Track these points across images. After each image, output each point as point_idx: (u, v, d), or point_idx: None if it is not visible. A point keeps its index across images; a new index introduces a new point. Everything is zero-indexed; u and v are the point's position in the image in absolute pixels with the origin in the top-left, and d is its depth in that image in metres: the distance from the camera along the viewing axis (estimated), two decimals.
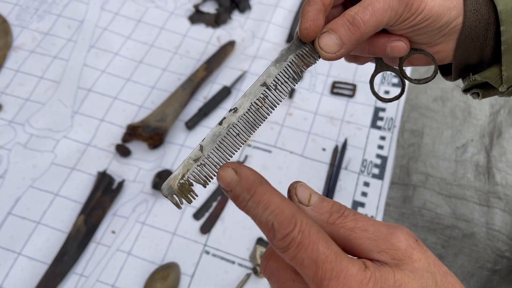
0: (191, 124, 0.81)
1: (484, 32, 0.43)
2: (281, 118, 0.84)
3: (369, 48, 0.45)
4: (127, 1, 0.97)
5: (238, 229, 0.73)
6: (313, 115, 0.85)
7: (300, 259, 0.27)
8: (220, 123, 0.37)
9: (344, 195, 0.76)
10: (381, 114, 0.85)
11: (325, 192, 0.77)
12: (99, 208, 0.71)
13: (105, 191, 0.72)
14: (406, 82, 0.48)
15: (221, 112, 0.84)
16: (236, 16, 0.98)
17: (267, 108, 0.38)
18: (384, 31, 0.44)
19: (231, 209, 0.74)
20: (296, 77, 0.40)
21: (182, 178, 0.35)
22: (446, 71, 0.52)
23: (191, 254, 0.70)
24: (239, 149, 0.37)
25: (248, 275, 0.68)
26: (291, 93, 0.87)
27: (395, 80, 0.89)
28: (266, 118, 0.39)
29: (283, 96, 0.39)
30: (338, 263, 0.26)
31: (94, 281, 0.67)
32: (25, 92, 0.84)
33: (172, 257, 0.69)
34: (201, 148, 0.36)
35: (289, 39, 0.94)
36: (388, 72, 0.89)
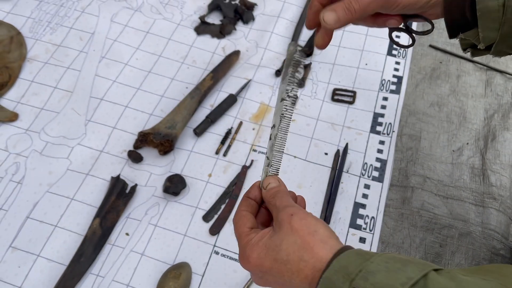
0: (199, 131, 0.85)
1: (462, 2, 0.54)
2: None
3: (375, 23, 0.59)
4: (136, 13, 1.01)
5: None
6: (315, 121, 0.89)
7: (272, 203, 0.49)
8: (270, 138, 0.53)
9: (346, 197, 0.80)
10: (380, 119, 0.89)
11: (328, 194, 0.80)
12: (114, 211, 0.75)
13: (119, 195, 0.76)
14: (414, 36, 0.61)
15: (228, 119, 0.88)
16: (240, 27, 1.02)
17: (290, 113, 0.52)
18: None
19: None
20: (298, 81, 0.52)
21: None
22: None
23: (201, 254, 0.73)
24: (284, 147, 0.52)
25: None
26: (294, 101, 0.91)
27: (393, 86, 0.93)
28: (291, 119, 0.52)
29: (295, 97, 0.52)
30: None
31: (110, 281, 0.70)
32: (40, 101, 0.88)
33: (183, 257, 0.73)
34: (267, 158, 0.53)
35: None
36: (387, 79, 0.93)
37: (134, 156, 0.81)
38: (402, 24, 0.59)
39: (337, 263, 0.39)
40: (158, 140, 0.81)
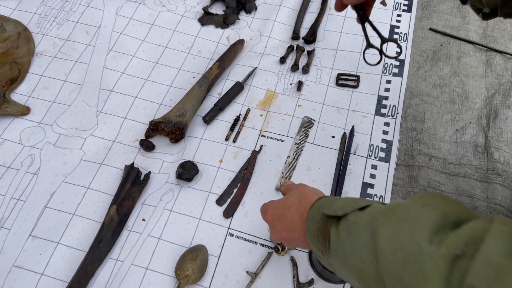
0: (209, 119, 0.87)
1: None
2: (291, 110, 0.90)
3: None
4: (140, 6, 1.02)
5: (258, 213, 0.78)
6: (321, 106, 0.91)
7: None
8: (285, 162, 0.77)
9: (354, 178, 0.82)
10: (384, 102, 0.91)
11: (336, 175, 0.82)
12: (129, 198, 0.77)
13: (133, 182, 0.78)
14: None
15: (235, 106, 0.90)
16: (243, 16, 1.03)
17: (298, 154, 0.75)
18: None
19: (250, 195, 0.80)
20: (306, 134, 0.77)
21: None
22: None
23: (217, 236, 0.76)
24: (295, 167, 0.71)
25: (270, 254, 0.74)
26: (299, 86, 0.93)
27: (396, 70, 0.95)
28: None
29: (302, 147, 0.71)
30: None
31: (129, 265, 0.72)
32: (50, 95, 0.90)
33: (199, 240, 0.75)
34: (282, 173, 0.75)
35: (294, 36, 0.99)
36: (389, 62, 0.95)
37: (146, 145, 0.83)
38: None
39: (316, 204, 0.54)
40: (169, 128, 0.82)
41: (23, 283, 0.70)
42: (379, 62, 0.71)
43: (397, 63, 0.96)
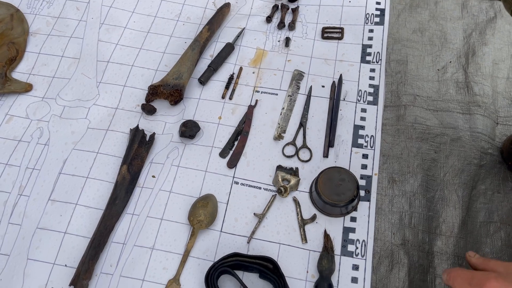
0: (204, 79, 0.91)
1: None
2: (281, 65, 0.94)
3: None
4: None
5: (259, 161, 0.84)
6: (309, 59, 0.95)
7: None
8: (280, 114, 0.82)
9: (345, 122, 0.88)
10: (368, 50, 0.96)
11: (329, 121, 0.88)
12: (138, 158, 0.82)
13: (140, 143, 0.83)
14: None
15: (228, 66, 0.94)
16: None
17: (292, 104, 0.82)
18: None
19: (250, 146, 0.85)
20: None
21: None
22: None
23: (223, 185, 0.81)
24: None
25: (274, 196, 0.80)
26: (287, 43, 0.97)
27: (377, 19, 0.99)
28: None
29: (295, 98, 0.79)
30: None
31: (145, 217, 0.78)
32: (50, 70, 0.93)
33: (207, 190, 0.81)
34: (279, 124, 0.81)
35: None
36: (371, 13, 1.00)
37: (148, 109, 0.87)
38: None
39: None
40: (168, 91, 0.87)
41: (49, 242, 0.75)
42: None
43: (378, 12, 1.00)
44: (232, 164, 0.83)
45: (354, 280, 0.73)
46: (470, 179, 0.82)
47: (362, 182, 0.81)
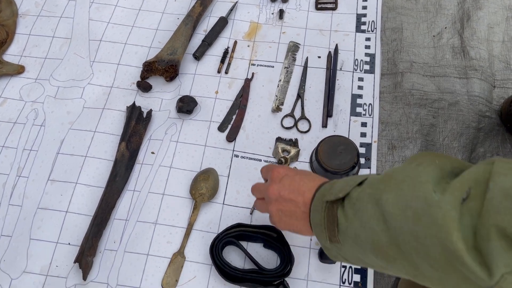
0: (199, 54, 0.90)
1: None
2: (276, 38, 0.94)
3: None
4: None
5: (258, 134, 0.83)
6: (304, 30, 0.95)
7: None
8: (278, 86, 0.81)
9: (343, 92, 0.87)
10: (363, 19, 0.95)
11: (327, 92, 0.87)
12: (136, 135, 0.81)
13: (137, 120, 0.82)
14: None
15: (222, 40, 0.93)
16: None
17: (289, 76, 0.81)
18: None
19: (248, 119, 0.85)
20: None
21: None
22: None
23: (223, 159, 0.81)
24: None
25: None
26: (281, 15, 0.96)
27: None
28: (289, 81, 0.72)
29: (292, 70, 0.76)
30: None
31: (146, 193, 0.77)
32: (41, 51, 0.92)
33: (208, 164, 0.80)
34: (276, 96, 0.80)
35: None
36: None
37: (144, 86, 0.86)
38: None
39: (317, 194, 0.53)
40: (163, 67, 0.86)
41: (51, 222, 0.75)
42: None
43: None
44: (231, 137, 0.83)
45: None
46: (469, 142, 0.82)
47: (362, 150, 0.81)
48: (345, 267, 0.72)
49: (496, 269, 0.34)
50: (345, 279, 0.71)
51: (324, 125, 0.84)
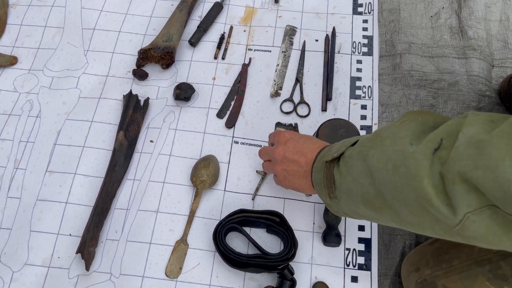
0: (195, 41, 0.89)
1: None
2: (273, 22, 0.92)
3: None
4: None
5: (257, 120, 0.83)
6: (301, 14, 0.93)
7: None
8: (275, 70, 0.81)
9: (342, 75, 0.87)
10: (360, 1, 0.94)
11: (325, 75, 0.87)
12: (134, 123, 0.80)
13: (135, 108, 0.81)
14: None
15: (218, 26, 0.92)
16: None
17: (286, 61, 0.79)
18: None
19: (247, 105, 0.84)
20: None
21: None
22: None
23: (223, 146, 0.80)
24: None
25: None
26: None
27: None
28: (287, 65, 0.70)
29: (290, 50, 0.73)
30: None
31: (146, 182, 0.76)
32: (34, 42, 0.90)
33: (207, 151, 0.79)
34: (274, 80, 0.77)
35: None
36: None
37: (140, 74, 0.85)
38: None
39: (319, 156, 0.57)
40: (159, 54, 0.84)
41: (51, 213, 0.74)
42: None
43: None
44: (230, 124, 0.82)
45: (361, 228, 0.73)
46: None
47: (362, 133, 0.81)
48: (348, 249, 0.72)
49: (460, 209, 0.38)
50: (349, 262, 0.71)
51: (324, 108, 0.83)
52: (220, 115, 0.83)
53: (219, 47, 0.89)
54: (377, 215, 0.49)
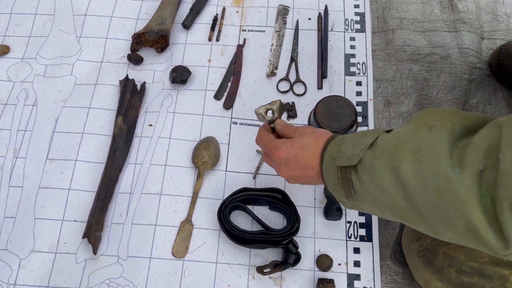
0: (188, 23, 0.89)
1: None
2: (265, 2, 0.92)
3: None
4: None
5: (255, 100, 0.83)
6: None
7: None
8: (270, 50, 0.82)
9: (336, 52, 0.87)
10: None
11: (320, 53, 0.87)
12: (132, 108, 0.80)
13: (132, 93, 0.81)
14: None
15: (211, 8, 0.92)
16: None
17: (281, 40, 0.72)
18: None
19: (244, 86, 0.84)
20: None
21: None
22: None
23: (222, 127, 0.81)
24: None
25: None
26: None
27: None
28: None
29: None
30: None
31: (148, 165, 0.77)
32: (25, 30, 0.89)
33: (207, 133, 0.80)
34: (270, 60, 0.80)
35: None
36: None
37: (135, 58, 0.85)
38: None
39: (326, 156, 0.54)
40: (153, 37, 0.84)
41: (54, 200, 0.74)
42: None
43: None
44: (228, 105, 0.83)
45: None
46: (462, 94, 0.84)
47: (358, 109, 0.82)
48: (350, 222, 0.74)
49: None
50: (351, 234, 0.73)
51: (320, 86, 0.84)
52: (217, 96, 0.84)
53: (212, 29, 0.89)
54: (408, 223, 0.48)
